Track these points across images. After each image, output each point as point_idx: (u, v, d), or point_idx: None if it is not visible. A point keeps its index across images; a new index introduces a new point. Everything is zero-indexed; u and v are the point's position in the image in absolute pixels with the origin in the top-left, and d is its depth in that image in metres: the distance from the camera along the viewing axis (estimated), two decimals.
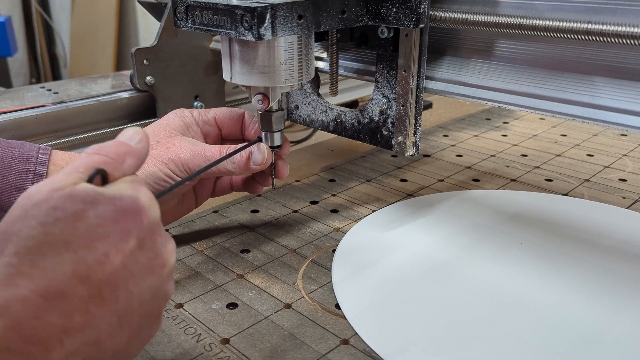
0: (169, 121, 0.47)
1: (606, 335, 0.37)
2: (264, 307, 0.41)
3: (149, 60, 0.62)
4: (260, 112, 0.46)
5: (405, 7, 0.42)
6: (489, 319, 0.39)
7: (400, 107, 0.48)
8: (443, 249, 0.48)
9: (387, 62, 0.48)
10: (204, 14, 0.41)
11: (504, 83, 0.44)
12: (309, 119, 0.57)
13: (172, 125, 0.47)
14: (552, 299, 0.41)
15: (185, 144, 0.44)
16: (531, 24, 0.39)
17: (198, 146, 0.44)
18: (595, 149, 0.73)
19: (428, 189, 0.61)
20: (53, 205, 0.25)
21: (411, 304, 0.41)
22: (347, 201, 0.58)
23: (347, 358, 0.36)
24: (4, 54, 2.02)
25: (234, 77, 0.44)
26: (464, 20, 0.42)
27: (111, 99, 0.64)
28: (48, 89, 0.72)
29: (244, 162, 0.44)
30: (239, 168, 0.45)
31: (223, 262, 0.47)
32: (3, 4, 2.58)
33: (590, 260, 0.46)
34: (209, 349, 0.37)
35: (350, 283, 0.44)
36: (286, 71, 0.43)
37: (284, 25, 0.39)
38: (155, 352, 0.37)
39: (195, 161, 0.44)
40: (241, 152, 0.44)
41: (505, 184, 0.62)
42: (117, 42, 2.38)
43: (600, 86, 0.39)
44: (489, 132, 0.80)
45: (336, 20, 0.43)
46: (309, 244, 0.50)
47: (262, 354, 0.37)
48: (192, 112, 0.48)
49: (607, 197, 0.59)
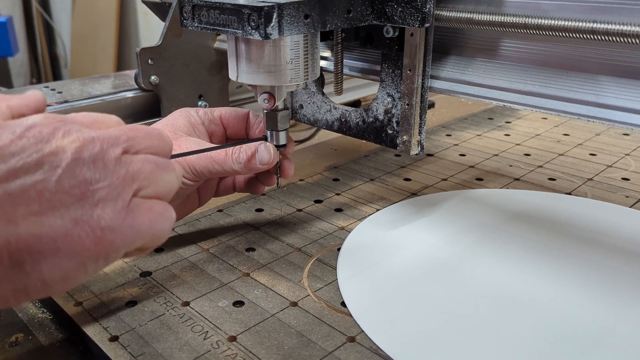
0: (174, 120, 0.47)
1: (610, 334, 0.37)
2: (270, 305, 0.42)
3: (154, 59, 0.62)
4: (266, 111, 0.47)
5: (411, 7, 0.43)
6: (492, 317, 0.39)
7: (405, 106, 0.48)
8: (447, 248, 0.48)
9: (392, 61, 0.48)
10: (211, 13, 0.41)
11: (509, 82, 0.44)
12: (314, 118, 0.57)
13: (177, 125, 0.47)
14: (556, 297, 0.41)
15: (191, 145, 0.44)
16: (536, 24, 0.39)
17: (204, 147, 0.44)
18: (598, 148, 0.73)
19: (432, 188, 0.61)
20: None
21: (416, 302, 0.41)
22: (351, 200, 0.59)
23: (353, 356, 0.36)
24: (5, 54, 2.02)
25: (240, 76, 0.44)
26: (469, 20, 0.42)
27: (116, 98, 0.64)
28: (52, 89, 0.72)
29: (249, 162, 0.45)
30: (245, 168, 0.45)
31: (229, 260, 0.48)
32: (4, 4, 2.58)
33: (593, 258, 0.46)
34: (216, 346, 0.37)
35: (356, 281, 0.44)
36: (292, 70, 0.43)
37: (291, 25, 0.39)
38: (163, 349, 0.37)
39: (201, 162, 0.44)
40: (246, 151, 0.44)
41: (509, 183, 0.62)
42: (117, 42, 2.38)
43: (605, 85, 0.39)
44: (492, 132, 0.80)
45: (342, 20, 0.43)
46: (314, 242, 0.50)
47: (269, 351, 0.37)
48: (197, 111, 0.49)
49: (610, 196, 0.59)
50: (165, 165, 0.32)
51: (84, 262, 0.28)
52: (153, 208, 0.31)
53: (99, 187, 0.28)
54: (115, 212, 0.28)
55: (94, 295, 0.43)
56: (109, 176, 0.28)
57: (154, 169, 0.31)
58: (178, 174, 0.34)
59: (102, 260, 0.28)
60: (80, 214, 0.27)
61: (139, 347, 0.37)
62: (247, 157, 0.44)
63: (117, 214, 0.28)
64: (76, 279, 0.28)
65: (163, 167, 0.32)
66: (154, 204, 0.31)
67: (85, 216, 0.27)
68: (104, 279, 0.45)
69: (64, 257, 0.27)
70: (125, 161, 0.30)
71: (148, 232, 0.30)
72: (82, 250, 0.27)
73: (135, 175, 0.30)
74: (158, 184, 0.31)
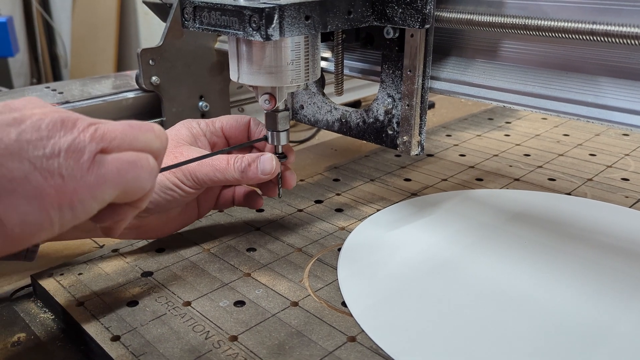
0: (177, 132, 0.48)
1: (610, 333, 0.38)
2: (271, 304, 0.42)
3: (155, 60, 0.63)
4: (266, 112, 0.47)
5: (411, 8, 0.43)
6: (493, 316, 0.40)
7: (406, 107, 0.48)
8: (447, 248, 0.49)
9: (393, 62, 0.48)
10: (212, 14, 0.41)
11: (508, 83, 0.44)
12: (314, 119, 0.58)
13: (180, 136, 0.48)
14: (555, 297, 0.42)
15: (193, 154, 0.45)
16: (536, 25, 0.39)
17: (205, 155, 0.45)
18: (598, 148, 0.73)
19: (432, 189, 0.61)
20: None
21: (416, 302, 0.41)
22: (351, 200, 0.59)
23: (354, 355, 0.37)
24: (5, 54, 2.02)
25: (241, 77, 0.44)
26: (469, 21, 0.43)
27: (117, 98, 0.64)
28: (53, 89, 0.73)
29: (250, 171, 0.45)
30: (246, 178, 0.45)
31: (229, 260, 0.48)
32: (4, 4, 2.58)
33: (593, 258, 0.46)
34: (217, 346, 0.37)
35: (356, 281, 0.44)
36: (293, 71, 0.43)
37: (292, 26, 0.40)
38: (164, 349, 0.37)
39: (202, 170, 0.44)
40: (248, 160, 0.45)
41: (509, 183, 0.63)
42: (117, 42, 2.38)
43: (604, 86, 0.40)
44: (492, 132, 0.80)
45: (342, 21, 0.43)
46: (314, 242, 0.51)
47: (270, 350, 0.37)
48: (199, 123, 0.49)
49: (609, 196, 0.59)
50: (141, 126, 0.33)
51: (45, 208, 0.28)
52: (122, 157, 0.31)
53: (61, 141, 0.29)
54: (78, 163, 0.29)
55: (96, 295, 0.43)
56: (75, 133, 0.29)
57: (127, 129, 0.32)
58: (158, 133, 0.34)
59: (68, 209, 0.29)
60: (40, 162, 0.28)
61: (141, 347, 0.37)
62: (248, 166, 0.45)
63: (80, 164, 0.29)
64: (39, 224, 0.28)
65: (138, 127, 0.32)
66: (124, 154, 0.31)
67: (45, 164, 0.28)
68: (105, 279, 0.45)
69: (22, 199, 0.28)
70: (96, 126, 0.31)
71: (118, 181, 0.30)
72: (41, 195, 0.28)
73: (104, 134, 0.30)
74: (132, 144, 0.32)
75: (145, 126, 0.33)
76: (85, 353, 0.39)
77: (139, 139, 0.32)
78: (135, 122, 0.33)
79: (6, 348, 0.40)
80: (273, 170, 0.46)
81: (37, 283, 0.45)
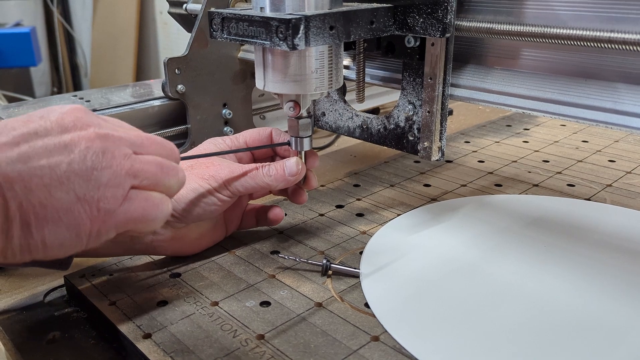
0: (204, 149, 0.51)
1: (630, 337, 0.38)
2: (296, 305, 0.43)
3: (180, 69, 0.65)
4: (289, 119, 0.48)
5: (432, 18, 0.44)
6: (513, 318, 0.40)
7: (426, 114, 0.49)
8: (467, 251, 0.49)
9: (414, 70, 0.49)
10: (240, 25, 0.43)
11: (527, 90, 0.45)
12: (335, 126, 0.59)
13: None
14: (575, 300, 0.42)
15: (223, 163, 0.48)
16: (555, 33, 0.40)
17: (235, 165, 0.48)
18: (617, 154, 0.73)
19: (451, 194, 0.62)
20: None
21: (437, 303, 0.42)
22: (372, 205, 0.60)
23: (377, 354, 0.38)
24: (29, 64, 2.07)
25: (267, 85, 0.46)
26: (489, 30, 0.44)
27: (144, 106, 0.66)
28: (80, 97, 0.75)
29: (279, 174, 0.47)
30: (275, 180, 0.47)
31: (254, 262, 0.49)
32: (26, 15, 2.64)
33: (614, 263, 0.47)
34: (245, 344, 0.39)
35: (378, 283, 0.45)
36: (317, 79, 0.45)
37: (317, 36, 0.41)
38: (194, 346, 0.39)
39: (234, 177, 0.47)
40: (275, 166, 0.48)
41: (528, 189, 0.63)
42: (137, 51, 2.42)
43: (623, 92, 0.40)
44: (510, 139, 0.81)
45: (365, 31, 0.45)
46: (336, 246, 0.52)
47: (296, 349, 0.38)
48: (224, 140, 0.52)
49: (629, 202, 0.59)
50: (169, 169, 0.37)
51: (79, 235, 0.33)
52: (149, 198, 0.35)
53: (103, 174, 0.33)
54: (114, 197, 0.33)
55: (127, 296, 0.45)
56: (114, 166, 0.33)
57: (158, 171, 0.36)
58: (180, 179, 0.38)
59: (95, 235, 0.33)
60: (84, 193, 0.32)
61: (171, 344, 0.39)
62: (276, 170, 0.48)
63: (115, 199, 0.33)
64: (72, 247, 0.33)
65: (167, 170, 0.37)
66: (151, 195, 0.36)
67: (87, 196, 0.32)
68: (135, 280, 0.47)
69: (64, 228, 0.32)
70: (132, 158, 0.35)
71: (140, 219, 0.35)
72: (79, 224, 0.32)
73: (138, 172, 0.35)
74: (158, 185, 0.36)
75: (172, 171, 0.38)
76: (117, 351, 0.41)
77: (164, 182, 0.37)
78: (165, 163, 0.37)
79: (42, 345, 0.41)
80: (299, 171, 0.48)
81: (70, 284, 0.47)
